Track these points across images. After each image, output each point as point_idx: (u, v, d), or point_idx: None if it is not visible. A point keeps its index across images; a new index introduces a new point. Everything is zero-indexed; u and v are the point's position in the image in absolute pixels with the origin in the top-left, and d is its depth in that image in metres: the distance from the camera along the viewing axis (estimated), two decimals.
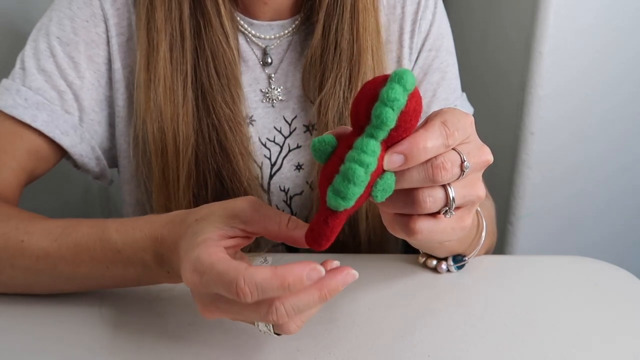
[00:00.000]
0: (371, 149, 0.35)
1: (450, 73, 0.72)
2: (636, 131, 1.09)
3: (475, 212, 0.47)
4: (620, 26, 1.00)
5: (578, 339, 0.50)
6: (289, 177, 0.69)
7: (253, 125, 0.67)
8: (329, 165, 0.37)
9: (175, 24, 0.62)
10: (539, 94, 1.01)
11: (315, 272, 0.37)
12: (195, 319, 0.51)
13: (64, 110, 0.63)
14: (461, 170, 0.38)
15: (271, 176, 0.68)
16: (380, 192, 0.37)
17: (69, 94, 0.63)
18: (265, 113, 0.68)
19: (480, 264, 0.60)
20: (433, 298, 0.55)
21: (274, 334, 0.41)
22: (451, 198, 0.39)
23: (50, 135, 0.62)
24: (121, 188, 0.71)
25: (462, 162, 0.38)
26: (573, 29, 0.98)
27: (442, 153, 0.37)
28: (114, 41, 0.65)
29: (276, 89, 0.68)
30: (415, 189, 0.38)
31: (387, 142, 0.36)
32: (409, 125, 0.36)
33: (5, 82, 0.63)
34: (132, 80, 0.65)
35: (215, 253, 0.39)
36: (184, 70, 0.62)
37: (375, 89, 0.35)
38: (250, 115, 0.67)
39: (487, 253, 0.65)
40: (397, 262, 0.61)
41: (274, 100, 0.68)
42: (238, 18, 0.66)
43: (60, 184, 1.06)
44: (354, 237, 0.68)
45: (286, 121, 0.68)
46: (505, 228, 1.11)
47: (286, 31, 0.68)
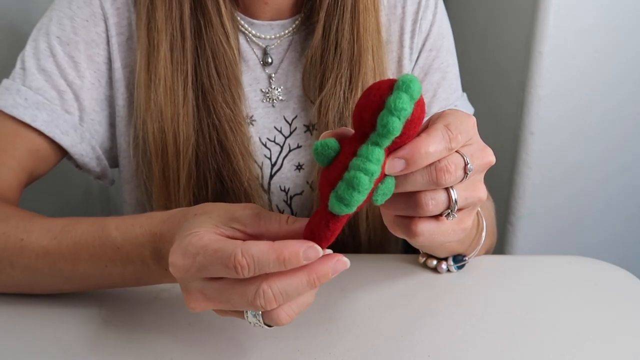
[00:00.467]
0: (376, 158, 0.35)
1: (450, 73, 0.72)
2: (636, 131, 1.09)
3: (475, 213, 0.47)
4: (620, 26, 1.00)
5: (578, 339, 0.50)
6: (289, 177, 0.69)
7: (253, 125, 0.67)
8: (332, 170, 0.37)
9: (176, 23, 0.62)
10: (539, 94, 1.01)
11: (312, 250, 0.36)
12: (195, 319, 0.51)
13: (64, 110, 0.63)
14: (464, 172, 0.38)
15: (271, 176, 0.68)
16: (380, 196, 0.37)
17: (69, 94, 0.63)
18: (266, 113, 0.68)
19: (480, 264, 0.60)
20: (433, 298, 0.55)
21: (265, 325, 0.40)
22: (454, 200, 0.39)
23: (51, 135, 0.62)
24: (121, 188, 0.71)
25: (466, 165, 0.38)
26: (573, 29, 0.98)
27: (446, 156, 0.37)
28: (114, 40, 0.65)
29: (276, 89, 0.68)
30: (418, 192, 0.38)
31: (390, 148, 0.36)
32: (413, 132, 0.36)
33: (5, 82, 0.63)
34: (132, 79, 0.65)
35: (207, 237, 0.39)
36: (185, 70, 0.62)
37: (381, 97, 0.35)
38: (250, 115, 0.67)
39: (487, 253, 0.65)
40: (397, 262, 0.61)
41: (274, 100, 0.68)
42: (238, 18, 0.66)
43: (60, 184, 1.06)
44: (354, 237, 0.68)
45: (286, 121, 0.68)
46: (505, 228, 1.11)
47: (286, 31, 0.68)
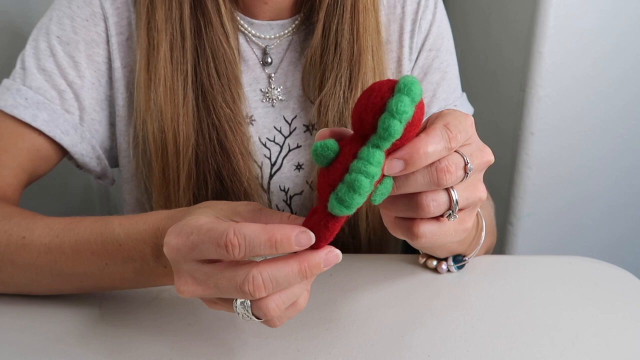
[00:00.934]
0: (377, 160, 0.35)
1: (450, 73, 0.72)
2: (636, 131, 1.09)
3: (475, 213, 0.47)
4: (620, 26, 1.00)
5: (578, 339, 0.50)
6: (289, 177, 0.69)
7: (253, 125, 0.67)
8: (332, 171, 0.37)
9: (176, 23, 0.62)
10: (539, 94, 1.01)
11: (305, 236, 0.36)
12: (195, 319, 0.51)
13: (65, 110, 0.63)
14: (465, 172, 0.38)
15: (271, 176, 0.68)
16: (379, 196, 0.37)
17: (69, 94, 0.63)
18: (265, 113, 0.68)
19: (480, 264, 0.60)
20: (433, 298, 0.55)
21: (253, 317, 0.39)
22: (454, 201, 0.39)
23: (51, 134, 0.62)
24: (121, 188, 0.71)
25: (466, 165, 0.38)
26: (573, 29, 0.98)
27: (446, 156, 0.37)
28: (114, 40, 0.65)
29: (276, 89, 0.68)
30: (419, 193, 0.38)
31: (389, 149, 0.36)
32: (412, 133, 0.36)
33: (5, 82, 0.63)
34: (132, 79, 0.65)
35: (203, 219, 0.39)
36: (184, 70, 0.62)
37: (382, 99, 0.35)
38: (250, 115, 0.67)
39: (487, 253, 0.65)
40: (397, 262, 0.61)
41: (274, 100, 0.68)
42: (238, 18, 0.66)
43: (60, 184, 1.06)
44: (354, 237, 0.68)
45: (286, 121, 0.68)
46: (505, 228, 1.11)
47: (286, 31, 0.68)
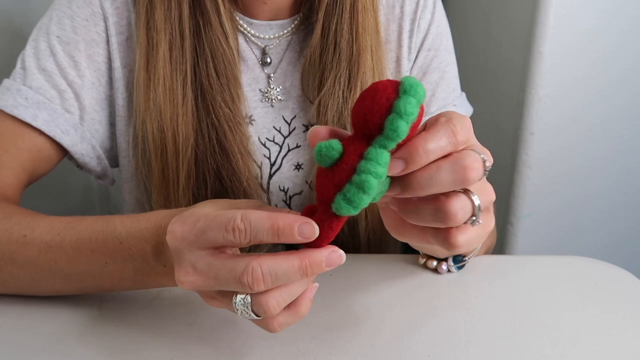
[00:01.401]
0: (384, 161, 0.36)
1: (449, 72, 0.72)
2: (636, 131, 1.09)
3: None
4: (620, 26, 1.00)
5: (578, 339, 0.50)
6: (288, 177, 0.69)
7: (252, 124, 0.67)
8: (337, 172, 0.36)
9: (175, 23, 0.62)
10: (539, 94, 1.01)
11: (308, 227, 0.36)
12: (195, 319, 0.51)
13: (65, 110, 0.63)
14: (484, 170, 0.38)
15: (271, 176, 0.68)
16: (378, 195, 0.38)
17: (69, 93, 0.63)
18: (265, 113, 0.68)
19: (480, 264, 0.60)
20: (433, 298, 0.55)
21: (252, 314, 0.39)
22: (477, 206, 0.38)
23: (51, 134, 0.62)
24: (121, 187, 0.71)
25: (484, 162, 0.38)
26: (573, 29, 0.98)
27: (468, 153, 0.37)
28: (114, 40, 0.65)
29: (275, 89, 0.68)
30: (446, 202, 0.38)
31: (393, 149, 0.37)
32: (412, 134, 0.37)
33: (6, 82, 0.63)
34: (132, 79, 0.65)
35: (208, 209, 0.40)
36: (184, 69, 0.62)
37: (387, 100, 0.35)
38: (249, 114, 0.67)
39: (487, 253, 0.65)
40: (397, 262, 0.61)
41: (273, 100, 0.68)
42: (237, 18, 0.66)
43: (60, 184, 1.06)
44: (353, 237, 0.68)
45: (285, 121, 0.68)
46: (505, 228, 1.11)
47: (285, 31, 0.68)
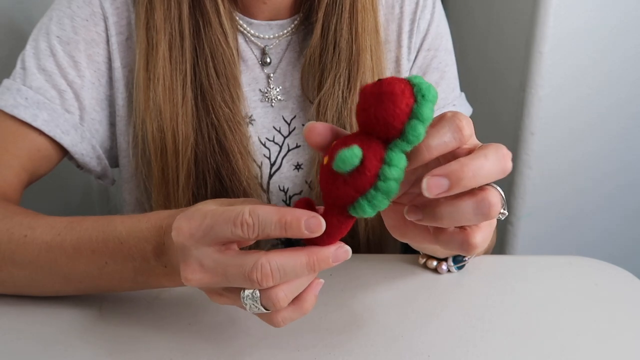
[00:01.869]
0: (404, 165, 0.36)
1: (449, 72, 0.72)
2: (637, 131, 1.09)
3: None
4: (620, 26, 1.00)
5: (578, 339, 0.50)
6: (288, 177, 0.69)
7: (252, 124, 0.67)
8: (359, 178, 0.36)
9: (175, 23, 0.62)
10: (539, 94, 1.01)
11: (315, 221, 0.36)
12: (195, 319, 0.51)
13: (65, 110, 0.63)
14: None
15: (270, 176, 0.68)
16: None
17: (69, 93, 0.63)
18: (265, 113, 0.68)
19: (480, 264, 0.60)
20: (433, 298, 0.55)
21: (261, 308, 0.39)
22: (504, 197, 0.38)
23: (51, 134, 0.62)
24: (121, 187, 0.71)
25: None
26: (573, 29, 0.98)
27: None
28: (114, 40, 0.65)
29: (275, 89, 0.68)
30: (485, 194, 0.37)
31: None
32: None
33: (6, 82, 0.63)
34: (132, 79, 0.65)
35: (212, 205, 0.40)
36: (183, 69, 0.62)
37: (408, 106, 0.35)
38: (249, 114, 0.67)
39: (487, 253, 0.65)
40: (397, 262, 0.61)
41: (273, 100, 0.68)
42: (237, 18, 0.66)
43: (60, 184, 1.06)
44: (353, 237, 0.68)
45: (285, 121, 0.68)
46: (505, 228, 1.11)
47: (285, 31, 0.68)
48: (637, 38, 1.02)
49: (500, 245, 1.13)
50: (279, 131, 0.68)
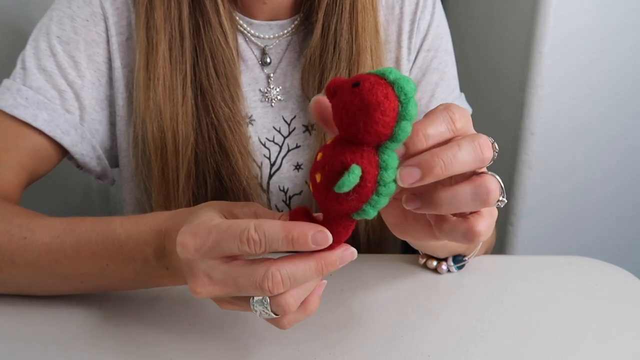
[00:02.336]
0: (397, 162, 0.36)
1: (448, 73, 0.72)
2: (636, 131, 1.09)
3: None
4: (620, 26, 1.00)
5: (578, 339, 0.50)
6: (288, 177, 0.69)
7: (252, 124, 0.67)
8: (362, 192, 0.36)
9: (175, 23, 0.62)
10: (539, 94, 1.01)
11: (322, 235, 0.37)
12: (195, 319, 0.51)
13: (65, 110, 0.63)
14: (493, 150, 0.38)
15: (270, 176, 0.68)
16: None
17: (69, 93, 0.63)
18: (265, 113, 0.68)
19: (480, 264, 0.60)
20: (433, 298, 0.55)
21: (272, 313, 0.40)
22: (502, 185, 0.38)
23: (51, 134, 0.62)
24: (121, 187, 0.71)
25: (493, 143, 0.38)
26: (573, 29, 0.98)
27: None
28: (114, 40, 0.65)
29: (275, 89, 0.68)
30: (482, 179, 0.37)
31: None
32: None
33: (6, 82, 0.63)
34: (132, 79, 0.65)
35: (217, 219, 0.40)
36: (183, 69, 0.62)
37: (394, 110, 0.34)
38: (249, 114, 0.67)
39: (487, 253, 0.65)
40: (397, 262, 0.61)
41: (273, 100, 0.68)
42: (237, 18, 0.66)
43: (60, 184, 1.06)
44: (353, 237, 0.68)
45: (285, 121, 0.68)
46: (505, 228, 1.11)
47: (285, 31, 0.68)
48: (637, 38, 1.02)
49: (500, 245, 1.13)
50: (279, 131, 0.68)
